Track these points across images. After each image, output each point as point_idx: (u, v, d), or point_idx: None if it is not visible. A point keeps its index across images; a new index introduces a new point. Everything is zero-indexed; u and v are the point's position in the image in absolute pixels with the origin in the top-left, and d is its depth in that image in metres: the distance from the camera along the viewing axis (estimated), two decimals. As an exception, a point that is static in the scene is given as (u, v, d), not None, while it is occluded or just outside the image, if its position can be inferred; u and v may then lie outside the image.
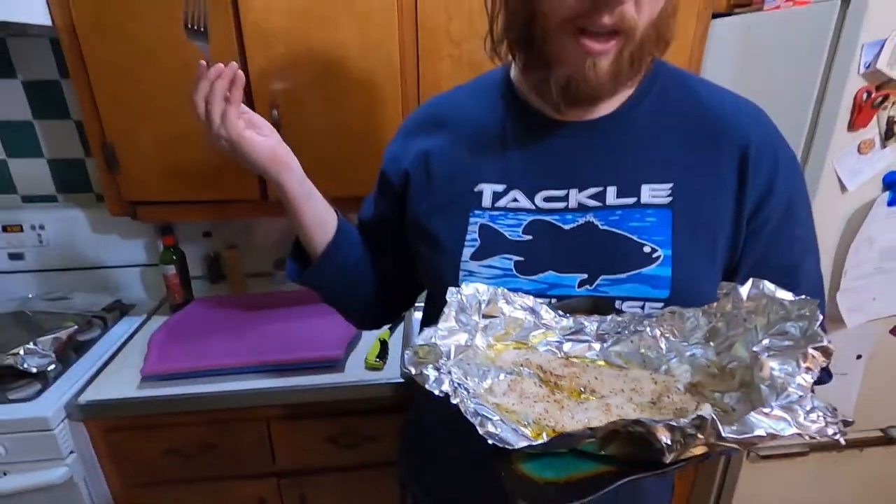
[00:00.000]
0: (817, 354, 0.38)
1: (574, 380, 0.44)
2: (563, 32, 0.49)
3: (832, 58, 0.91)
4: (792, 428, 0.34)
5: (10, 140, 1.40)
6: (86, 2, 1.02)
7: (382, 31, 1.09)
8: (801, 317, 0.40)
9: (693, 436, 0.34)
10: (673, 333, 0.49)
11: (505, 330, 0.51)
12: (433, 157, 0.63)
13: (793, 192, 0.57)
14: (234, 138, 0.60)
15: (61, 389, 1.06)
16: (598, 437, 0.36)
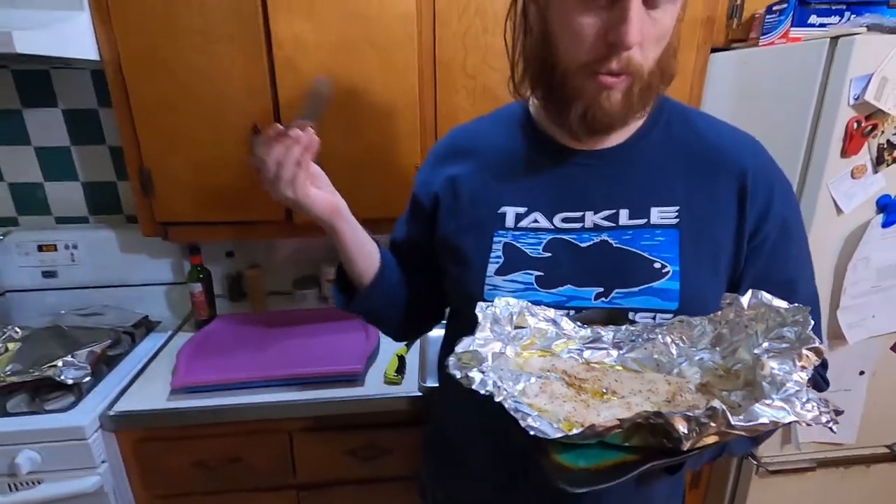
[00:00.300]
0: (810, 354, 0.43)
1: (596, 382, 0.49)
2: (580, 74, 0.56)
3: (823, 90, 0.98)
4: (791, 416, 0.39)
5: (47, 164, 1.49)
6: (132, 40, 1.11)
7: (403, 65, 1.18)
8: (795, 322, 0.46)
9: (706, 424, 0.39)
10: (682, 340, 0.54)
11: (530, 340, 0.56)
12: (460, 182, 0.69)
13: (787, 215, 0.63)
14: (300, 199, 0.63)
15: (95, 400, 1.10)
16: (623, 429, 0.41)
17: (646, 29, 0.52)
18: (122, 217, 1.56)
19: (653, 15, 0.52)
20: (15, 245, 1.43)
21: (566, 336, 0.57)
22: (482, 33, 1.18)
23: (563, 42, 0.56)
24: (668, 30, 0.54)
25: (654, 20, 0.52)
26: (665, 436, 0.41)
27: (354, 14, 1.12)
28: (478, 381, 0.45)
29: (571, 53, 0.55)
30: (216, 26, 1.11)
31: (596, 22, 0.52)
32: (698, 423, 0.39)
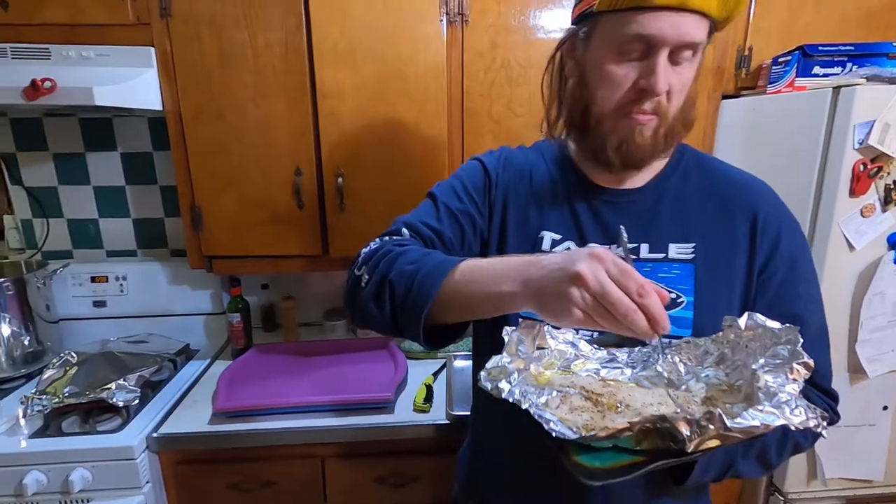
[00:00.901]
0: (800, 368, 0.49)
1: (612, 397, 0.55)
2: (614, 115, 0.65)
3: (829, 135, 1.05)
4: (780, 419, 0.45)
5: (103, 202, 1.62)
6: (192, 93, 1.24)
7: (434, 112, 1.28)
8: (788, 341, 0.52)
9: (706, 427, 0.45)
10: (689, 359, 0.60)
11: (551, 360, 0.62)
12: (510, 202, 0.75)
13: (796, 252, 0.70)
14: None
15: (142, 423, 1.17)
16: (634, 432, 0.47)
17: (671, 80, 0.61)
18: (167, 251, 1.68)
19: (676, 69, 0.61)
20: (70, 276, 1.54)
21: (584, 357, 0.63)
22: (506, 83, 1.28)
23: (601, 89, 0.64)
24: (689, 82, 0.64)
25: (677, 73, 0.62)
26: (671, 439, 0.47)
27: (391, 68, 1.24)
28: (506, 390, 0.51)
29: (608, 97, 0.64)
30: (267, 81, 1.24)
31: (629, 72, 0.62)
32: (699, 426, 0.45)
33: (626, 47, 0.61)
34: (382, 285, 0.63)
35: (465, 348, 1.51)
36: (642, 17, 0.58)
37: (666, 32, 0.58)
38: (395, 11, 1.21)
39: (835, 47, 1.15)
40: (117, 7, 1.19)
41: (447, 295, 0.59)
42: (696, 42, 0.60)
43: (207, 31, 1.20)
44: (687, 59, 0.61)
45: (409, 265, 0.62)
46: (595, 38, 0.64)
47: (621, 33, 0.60)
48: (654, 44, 0.59)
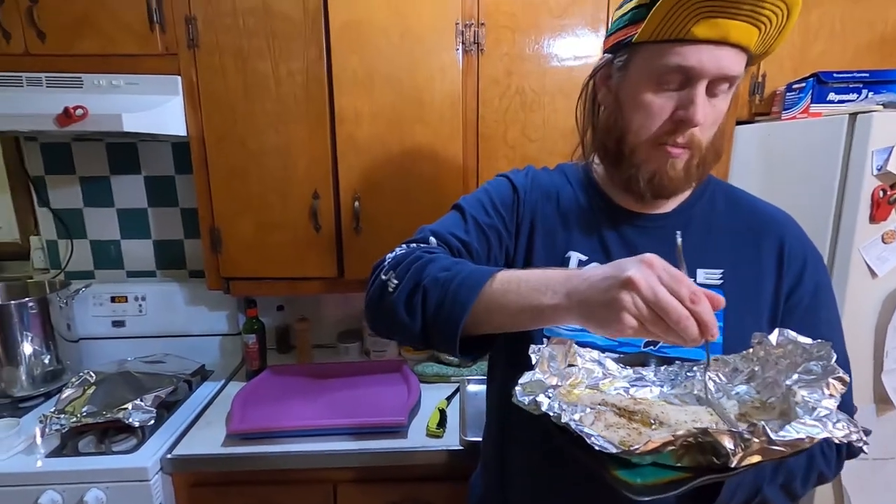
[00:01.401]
0: (837, 383, 0.49)
1: (644, 414, 0.54)
2: (648, 144, 0.66)
3: (847, 161, 1.04)
4: (824, 432, 0.44)
5: (125, 224, 1.66)
6: (216, 119, 1.28)
7: (449, 138, 1.31)
8: (819, 357, 0.51)
9: (749, 440, 0.44)
10: (719, 377, 0.59)
11: (577, 378, 0.62)
12: (538, 220, 0.75)
13: (819, 282, 0.71)
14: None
15: (157, 444, 1.18)
16: (676, 446, 0.46)
17: (707, 113, 0.62)
18: (186, 272, 1.70)
19: (712, 101, 0.62)
20: (91, 296, 1.57)
21: (612, 375, 0.63)
22: (521, 109, 1.31)
23: (636, 118, 0.65)
24: (721, 115, 0.65)
25: (712, 105, 0.63)
26: (713, 453, 0.46)
27: (408, 96, 1.27)
28: (545, 404, 0.51)
29: (643, 127, 0.65)
30: (288, 108, 1.27)
31: (666, 102, 0.63)
32: (742, 439, 0.44)
33: (665, 78, 0.62)
34: (414, 292, 0.61)
35: (478, 372, 1.50)
36: (683, 49, 0.59)
37: (706, 65, 0.59)
38: (413, 42, 1.25)
39: (850, 74, 1.15)
40: (148, 38, 1.24)
41: (483, 305, 0.57)
42: (734, 76, 0.61)
43: (232, 62, 1.25)
44: (723, 91, 0.62)
45: (443, 272, 0.60)
46: (633, 67, 0.65)
47: (661, 64, 0.61)
48: (693, 76, 0.60)
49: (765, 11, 0.56)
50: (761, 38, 0.59)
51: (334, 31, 1.23)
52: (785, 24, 0.58)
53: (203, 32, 1.23)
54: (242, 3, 1.22)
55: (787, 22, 0.58)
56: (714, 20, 0.57)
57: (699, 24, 0.57)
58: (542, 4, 1.25)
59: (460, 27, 1.25)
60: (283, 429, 1.19)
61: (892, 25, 1.28)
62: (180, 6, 1.22)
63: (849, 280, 1.05)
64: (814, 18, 1.28)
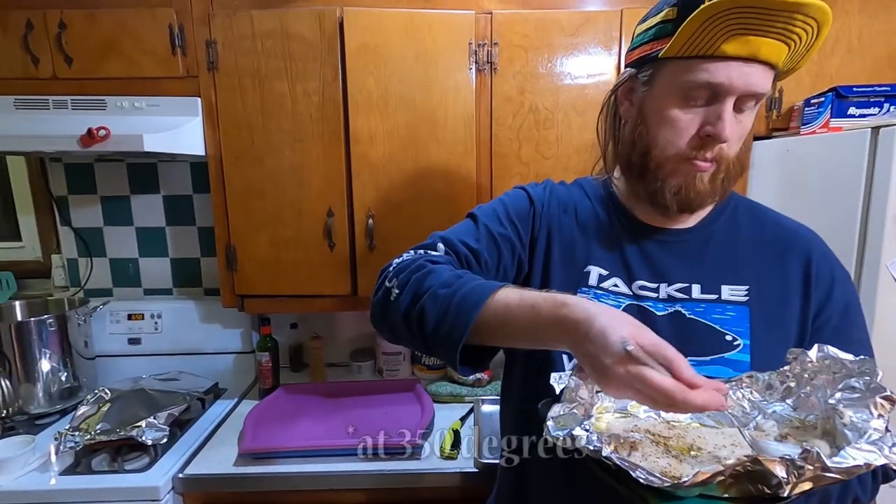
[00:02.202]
0: (885, 402, 0.46)
1: (680, 440, 0.51)
2: (676, 159, 0.64)
3: (871, 175, 1.02)
4: (881, 458, 0.41)
5: (144, 242, 1.68)
6: (234, 139, 1.30)
7: (463, 156, 1.31)
8: (862, 373, 0.48)
9: (803, 468, 0.41)
10: (753, 394, 0.56)
11: (603, 404, 0.59)
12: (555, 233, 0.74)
13: (849, 300, 0.69)
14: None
15: (169, 463, 1.17)
16: (725, 476, 0.43)
17: (734, 128, 0.61)
18: (201, 290, 1.72)
19: (738, 117, 0.62)
20: (109, 313, 1.59)
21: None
22: (534, 127, 1.31)
23: (663, 133, 0.64)
24: (747, 131, 0.64)
25: (738, 121, 0.62)
26: (763, 482, 0.43)
27: (422, 114, 1.28)
28: (584, 438, 0.47)
29: (670, 143, 0.64)
30: (304, 127, 1.29)
31: (694, 118, 0.62)
32: (795, 467, 0.41)
33: (693, 93, 0.61)
34: (413, 305, 0.61)
35: (493, 392, 1.47)
36: (711, 65, 0.59)
37: (735, 82, 0.59)
38: (427, 63, 1.26)
39: (870, 88, 1.14)
40: (169, 61, 1.28)
41: (481, 326, 0.57)
42: (762, 92, 0.60)
43: (250, 83, 1.28)
44: (749, 107, 0.62)
45: (443, 289, 0.60)
46: (658, 82, 0.64)
47: (689, 80, 0.60)
48: (721, 91, 0.60)
49: (796, 29, 0.55)
50: (790, 55, 0.58)
51: (350, 53, 1.25)
52: (814, 42, 0.57)
53: (223, 55, 1.26)
54: (261, 26, 1.25)
55: (817, 39, 0.57)
56: (745, 37, 0.56)
57: (730, 41, 0.57)
58: (555, 24, 1.26)
59: (473, 47, 1.26)
60: (295, 448, 1.17)
61: (911, 39, 1.27)
62: (201, 30, 1.26)
63: (877, 297, 1.02)
64: (830, 33, 1.25)
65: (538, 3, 1.29)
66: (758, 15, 0.55)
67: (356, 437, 1.21)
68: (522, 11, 1.27)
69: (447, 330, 0.58)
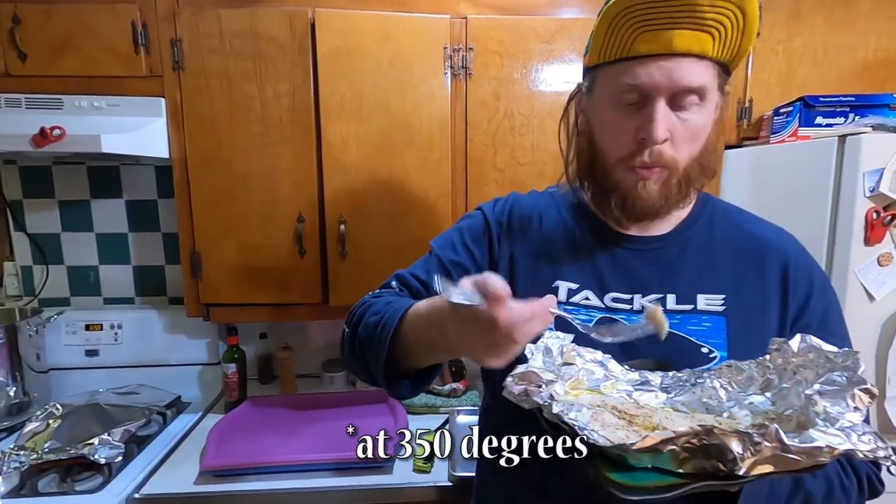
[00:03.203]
0: (863, 395, 0.44)
1: (647, 419, 0.49)
2: (619, 167, 0.63)
3: (839, 182, 1.04)
4: (847, 444, 0.40)
5: (105, 249, 1.61)
6: (200, 141, 1.26)
7: (438, 162, 1.29)
8: (845, 367, 0.47)
9: (759, 444, 0.39)
10: (731, 385, 0.54)
11: (577, 380, 0.57)
12: (517, 250, 0.72)
13: (828, 305, 0.67)
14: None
15: (123, 482, 1.10)
16: (678, 447, 0.42)
17: (674, 128, 0.60)
18: (166, 299, 1.65)
19: (681, 116, 0.60)
20: (65, 324, 1.50)
21: (614, 377, 0.58)
22: (510, 133, 1.30)
23: (603, 140, 0.64)
24: (699, 129, 0.61)
25: (682, 120, 0.60)
26: (720, 458, 0.41)
27: (396, 119, 1.26)
28: (535, 395, 0.47)
29: (610, 149, 0.63)
30: (274, 130, 1.25)
31: (629, 122, 0.61)
32: (752, 442, 0.40)
33: (623, 97, 0.61)
34: (354, 339, 0.66)
35: (468, 402, 1.44)
36: (631, 66, 0.58)
37: (657, 79, 0.57)
38: (402, 67, 1.24)
39: (836, 98, 1.16)
40: (132, 60, 1.23)
41: (403, 343, 0.60)
42: (697, 86, 0.58)
43: (218, 84, 1.23)
44: (693, 104, 0.59)
45: (373, 316, 0.64)
46: (596, 91, 0.65)
47: (616, 84, 0.60)
48: (647, 91, 0.59)
49: (708, 16, 0.54)
50: (721, 43, 0.57)
51: (322, 56, 1.22)
52: (745, 25, 0.56)
53: (189, 54, 1.22)
54: (229, 25, 1.21)
55: (746, 22, 0.55)
56: (654, 33, 0.56)
57: (641, 40, 0.57)
58: (530, 30, 1.26)
59: (449, 52, 1.25)
60: (261, 464, 1.12)
61: (872, 52, 1.30)
62: (166, 28, 1.22)
63: (846, 305, 1.02)
64: (797, 45, 1.30)
65: (513, 9, 1.29)
66: (658, 8, 0.55)
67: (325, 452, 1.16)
68: (497, 17, 1.27)
69: (376, 350, 0.61)
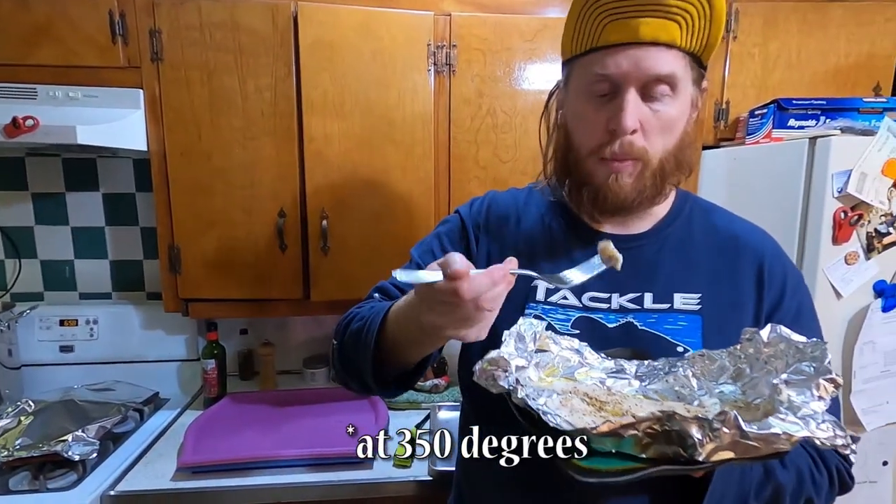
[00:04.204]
0: (827, 385, 0.46)
1: (616, 405, 0.50)
2: (591, 159, 0.64)
3: (809, 183, 1.07)
4: (804, 431, 0.41)
5: (80, 243, 1.57)
6: (179, 134, 1.24)
7: (420, 158, 1.29)
8: (813, 358, 0.48)
9: (718, 430, 0.41)
10: (703, 374, 0.56)
11: (553, 367, 0.58)
12: (494, 249, 0.73)
13: (801, 302, 0.68)
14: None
15: (98, 479, 1.08)
16: (640, 432, 0.43)
17: (646, 118, 0.60)
18: (144, 294, 1.62)
19: (653, 107, 0.60)
20: (38, 319, 1.47)
21: (589, 365, 0.60)
22: (492, 130, 1.31)
23: (577, 132, 0.65)
24: (672, 121, 0.61)
25: (654, 111, 0.60)
26: (680, 444, 0.43)
27: (379, 115, 1.26)
28: (501, 379, 0.48)
29: (582, 140, 0.64)
30: (255, 124, 1.24)
31: (600, 113, 0.61)
32: (711, 428, 0.41)
33: (594, 88, 0.61)
34: (342, 350, 0.67)
35: (450, 398, 1.45)
36: (601, 56, 0.59)
37: (625, 68, 0.58)
38: (385, 62, 1.24)
39: (808, 101, 1.19)
40: (109, 50, 1.21)
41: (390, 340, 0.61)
42: (665, 74, 0.58)
43: (197, 76, 1.22)
44: (665, 94, 0.60)
45: (358, 322, 0.65)
46: (570, 84, 0.66)
47: (587, 75, 0.62)
48: (617, 81, 0.59)
49: (672, 4, 0.55)
50: (688, 32, 0.57)
51: (304, 49, 1.22)
52: (712, 15, 0.56)
53: (168, 46, 1.20)
54: (210, 17, 1.19)
55: (713, 11, 0.56)
56: (622, 21, 0.57)
57: (609, 29, 0.58)
58: (514, 28, 1.27)
59: (432, 48, 1.25)
60: (239, 460, 1.11)
61: (843, 57, 1.34)
62: (144, 19, 1.19)
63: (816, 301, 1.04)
64: (773, 49, 1.33)
65: (497, 7, 1.30)
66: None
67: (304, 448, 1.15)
68: (481, 15, 1.27)
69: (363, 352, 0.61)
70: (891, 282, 1.06)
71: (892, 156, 1.01)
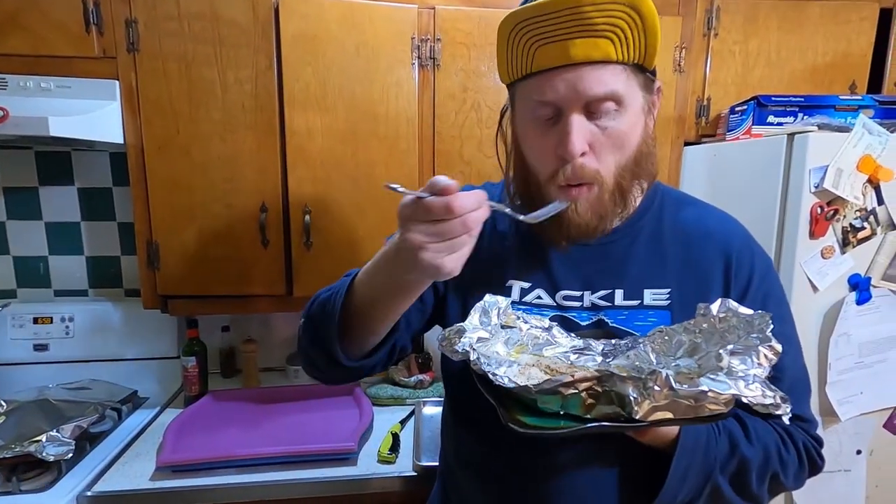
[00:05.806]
0: (767, 352, 0.48)
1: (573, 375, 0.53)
2: (549, 186, 0.62)
3: (787, 178, 1.08)
4: (732, 389, 0.45)
5: (55, 239, 1.53)
6: (156, 127, 1.21)
7: (405, 153, 1.28)
8: (760, 329, 0.50)
9: (651, 388, 0.45)
10: (662, 349, 0.57)
11: (522, 344, 0.59)
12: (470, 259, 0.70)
13: (768, 291, 0.68)
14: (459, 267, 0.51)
15: (74, 481, 1.05)
16: (580, 392, 0.48)
17: (594, 138, 0.58)
18: (121, 291, 1.59)
19: (600, 124, 0.58)
20: (11, 317, 1.43)
21: (557, 343, 0.61)
22: (477, 125, 1.30)
23: (530, 158, 0.64)
24: (623, 136, 0.59)
25: (602, 129, 0.58)
26: (620, 403, 0.47)
27: (362, 109, 1.25)
28: (458, 345, 0.53)
29: (537, 168, 0.63)
30: (235, 117, 1.22)
31: (547, 139, 0.59)
32: (645, 387, 0.45)
33: (537, 114, 0.59)
34: (308, 323, 0.65)
35: (435, 394, 1.45)
36: (537, 82, 0.57)
37: (563, 92, 0.56)
38: (368, 55, 1.23)
39: (787, 98, 1.21)
40: (83, 40, 1.17)
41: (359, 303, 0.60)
42: (608, 92, 0.56)
43: (176, 67, 1.19)
44: (610, 110, 0.57)
45: (325, 293, 0.65)
46: (516, 108, 0.64)
47: (528, 101, 0.60)
48: (557, 105, 0.57)
49: (598, 21, 0.53)
50: (623, 45, 0.55)
51: (286, 41, 1.20)
52: (644, 25, 0.54)
53: (144, 36, 1.17)
54: (188, 7, 1.17)
55: (645, 22, 0.54)
56: (550, 45, 0.55)
57: (539, 55, 0.56)
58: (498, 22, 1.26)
59: (416, 42, 1.24)
60: (220, 458, 1.09)
61: (821, 55, 1.37)
62: (120, 8, 1.16)
63: (792, 296, 1.08)
64: (753, 47, 1.35)
65: (481, 2, 1.29)
66: (547, 22, 0.54)
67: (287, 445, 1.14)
68: (465, 9, 1.27)
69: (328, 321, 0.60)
70: (865, 275, 1.08)
71: (867, 152, 1.03)
